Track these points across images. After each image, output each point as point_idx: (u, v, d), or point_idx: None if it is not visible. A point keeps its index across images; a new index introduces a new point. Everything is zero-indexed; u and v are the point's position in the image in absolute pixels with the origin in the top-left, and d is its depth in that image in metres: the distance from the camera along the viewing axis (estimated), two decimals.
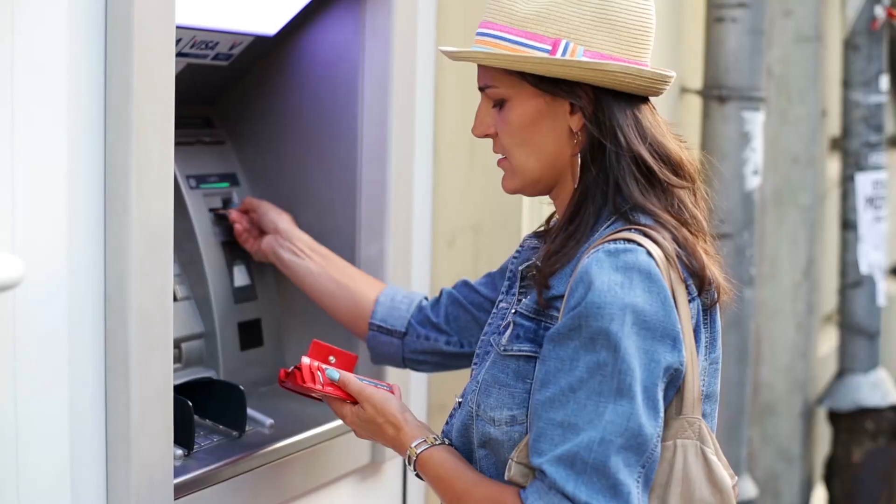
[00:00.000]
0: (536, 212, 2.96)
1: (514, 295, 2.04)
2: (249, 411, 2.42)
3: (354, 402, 2.08)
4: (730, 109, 3.74)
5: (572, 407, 1.79)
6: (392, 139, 2.67)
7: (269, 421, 2.46)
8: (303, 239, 2.53)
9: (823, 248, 4.92)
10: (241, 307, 2.68)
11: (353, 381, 2.09)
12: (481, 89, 1.99)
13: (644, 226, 1.88)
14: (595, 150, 1.92)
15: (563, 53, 1.89)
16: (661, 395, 1.83)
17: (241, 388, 2.39)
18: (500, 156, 2.02)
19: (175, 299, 2.54)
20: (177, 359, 2.49)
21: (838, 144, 4.86)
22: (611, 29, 1.90)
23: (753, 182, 3.80)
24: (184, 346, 2.53)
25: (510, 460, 1.88)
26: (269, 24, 2.63)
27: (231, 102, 2.76)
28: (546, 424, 1.81)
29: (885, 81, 4.66)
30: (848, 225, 4.68)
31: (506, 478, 1.89)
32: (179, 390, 2.31)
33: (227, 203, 2.67)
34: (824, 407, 4.75)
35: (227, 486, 2.27)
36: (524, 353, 1.92)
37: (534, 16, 1.90)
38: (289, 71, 2.72)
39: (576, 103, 1.91)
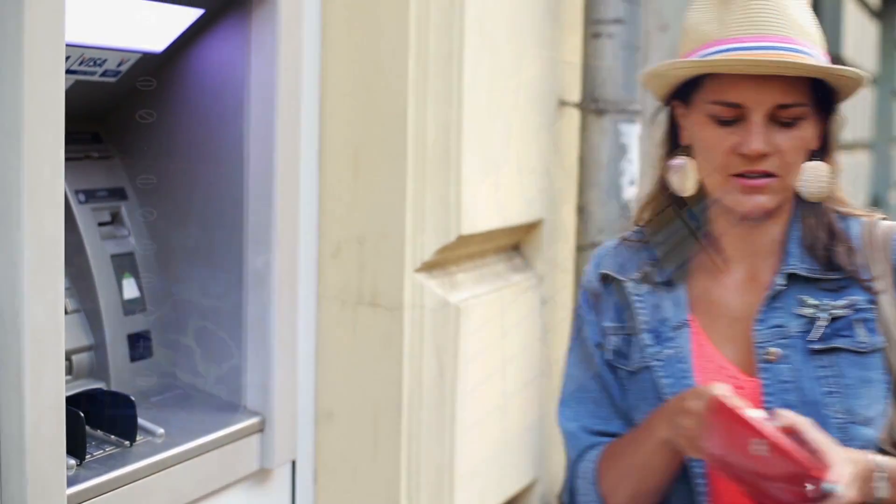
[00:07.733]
0: (419, 223, 3.03)
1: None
2: (140, 421, 2.46)
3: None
4: (607, 122, 3.83)
5: None
6: (278, 153, 2.72)
7: (159, 430, 2.50)
8: None
9: None
10: (131, 319, 2.71)
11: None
12: (781, 107, 1.89)
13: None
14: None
15: None
16: None
17: (132, 398, 2.44)
18: (763, 179, 1.92)
19: (65, 312, 2.58)
20: (67, 371, 2.52)
21: None
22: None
23: (630, 192, 3.91)
24: (74, 358, 2.57)
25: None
26: (157, 41, 2.67)
27: (119, 118, 2.79)
28: None
29: None
30: None
31: None
32: (70, 402, 2.34)
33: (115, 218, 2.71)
34: None
35: (119, 494, 2.31)
36: (878, 347, 1.90)
37: (818, 33, 1.94)
38: (176, 87, 2.76)
39: (833, 114, 1.96)
